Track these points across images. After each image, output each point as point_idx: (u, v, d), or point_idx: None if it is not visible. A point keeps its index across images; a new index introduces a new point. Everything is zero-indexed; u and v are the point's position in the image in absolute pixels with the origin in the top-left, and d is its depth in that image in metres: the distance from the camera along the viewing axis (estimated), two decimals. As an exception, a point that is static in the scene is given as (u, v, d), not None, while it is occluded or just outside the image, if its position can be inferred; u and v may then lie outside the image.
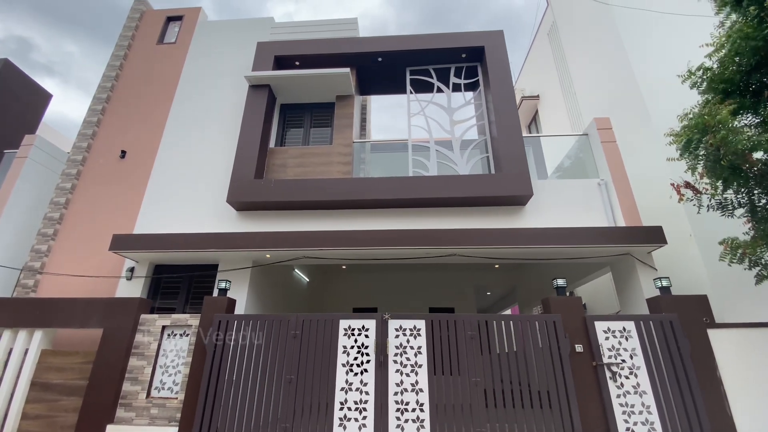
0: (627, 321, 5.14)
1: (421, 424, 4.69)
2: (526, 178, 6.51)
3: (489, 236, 6.06)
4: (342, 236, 6.16)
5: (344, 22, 9.07)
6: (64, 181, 7.58)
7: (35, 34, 62.03)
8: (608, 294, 9.05)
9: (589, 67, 10.00)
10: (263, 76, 7.71)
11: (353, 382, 4.94)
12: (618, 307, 8.36)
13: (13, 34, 59.11)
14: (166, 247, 6.32)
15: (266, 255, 6.53)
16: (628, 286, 6.32)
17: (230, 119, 8.01)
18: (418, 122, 7.92)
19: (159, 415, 5.16)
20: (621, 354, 5.00)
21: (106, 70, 8.76)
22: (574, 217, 6.63)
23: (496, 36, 7.94)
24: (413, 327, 5.17)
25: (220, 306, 5.54)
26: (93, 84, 71.75)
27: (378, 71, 8.60)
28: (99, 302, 5.73)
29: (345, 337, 5.19)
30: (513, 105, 7.17)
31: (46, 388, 5.49)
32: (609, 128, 7.10)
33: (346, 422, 4.75)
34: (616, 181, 6.68)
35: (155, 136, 7.97)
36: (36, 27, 62.22)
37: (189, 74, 8.67)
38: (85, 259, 7.01)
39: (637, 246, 5.94)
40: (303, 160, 7.57)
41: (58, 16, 65.78)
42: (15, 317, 5.75)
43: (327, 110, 8.36)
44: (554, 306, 5.26)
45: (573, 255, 6.34)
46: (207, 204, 7.23)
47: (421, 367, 4.96)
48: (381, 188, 6.76)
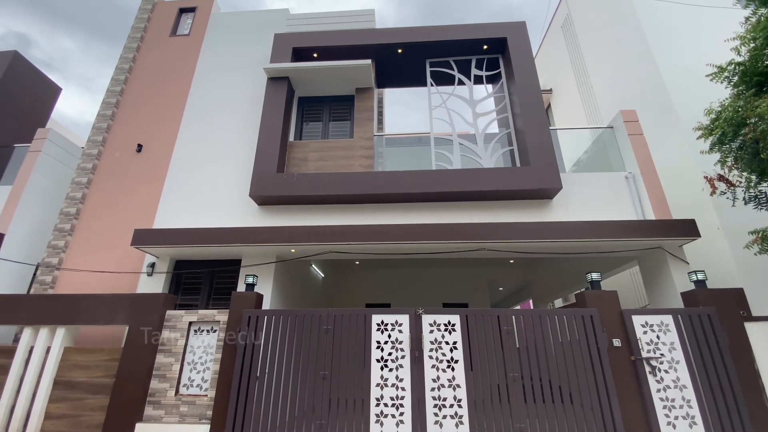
0: (665, 315, 5.07)
1: (459, 420, 4.61)
2: (554, 171, 6.42)
3: (518, 230, 5.97)
4: (371, 230, 6.05)
5: (361, 13, 8.92)
6: (79, 175, 7.42)
7: (32, 30, 61.29)
8: (628, 288, 9.01)
9: (607, 60, 9.89)
10: (283, 68, 7.57)
11: (389, 378, 4.85)
12: (644, 301, 8.32)
13: (12, 30, 58.36)
14: (189, 242, 6.20)
15: (291, 250, 6.41)
16: (659, 279, 6.25)
17: (248, 112, 7.87)
18: (438, 115, 7.81)
19: (189, 413, 5.06)
20: (660, 348, 4.93)
21: (120, 63, 8.58)
22: (602, 211, 6.56)
23: (519, 27, 7.82)
24: (448, 322, 5.08)
25: (248, 301, 5.43)
26: (92, 80, 71.16)
27: (396, 63, 8.46)
28: (124, 298, 5.60)
29: (378, 332, 5.09)
30: (539, 97, 7.07)
31: (70, 387, 5.36)
32: (635, 120, 7.02)
33: (383, 418, 4.66)
34: (644, 174, 6.60)
35: (172, 130, 7.82)
36: (31, 22, 61.48)
37: (204, 66, 8.51)
38: (103, 254, 6.88)
39: (670, 239, 5.87)
40: (324, 153, 7.44)
41: (52, 11, 65.06)
42: (36, 314, 5.62)
43: (346, 103, 8.24)
44: (590, 300, 5.18)
45: (603, 249, 6.26)
46: (227, 198, 7.11)
47: (458, 362, 4.88)
48: (406, 182, 6.65)
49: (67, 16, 66.28)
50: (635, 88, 8.76)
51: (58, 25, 65.50)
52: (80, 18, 68.27)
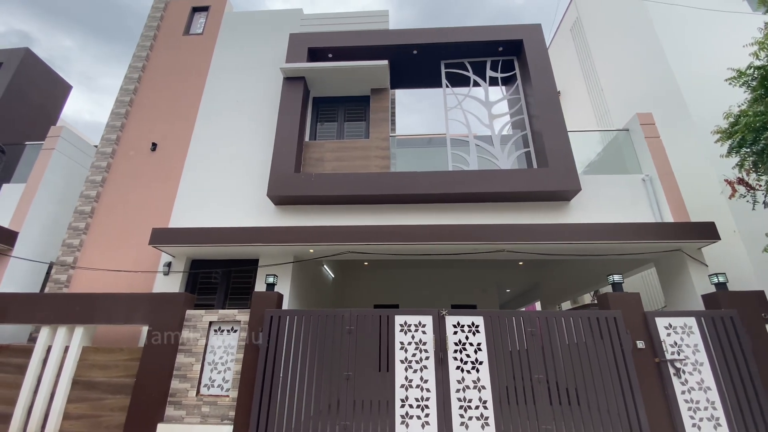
0: (688, 317, 5.08)
1: (485, 421, 4.60)
2: (573, 173, 6.43)
3: (538, 231, 5.97)
4: (390, 231, 6.04)
5: (375, 14, 8.93)
6: (94, 173, 7.37)
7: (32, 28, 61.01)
8: (639, 289, 9.03)
9: (618, 63, 9.94)
10: (299, 68, 7.56)
11: (413, 379, 4.83)
12: (656, 302, 8.34)
13: (13, 27, 58.05)
14: (208, 241, 6.17)
15: (310, 250, 6.39)
16: (677, 282, 6.27)
17: (263, 112, 7.85)
18: (451, 116, 7.81)
19: (211, 414, 5.02)
20: (683, 350, 4.94)
21: (133, 61, 8.54)
22: (619, 213, 6.57)
23: (535, 29, 7.85)
24: (471, 323, 5.07)
25: (269, 301, 5.40)
26: (92, 79, 70.90)
27: (410, 64, 8.46)
28: (143, 298, 5.56)
29: (401, 333, 5.08)
30: (556, 99, 7.09)
31: (90, 387, 5.31)
32: (652, 123, 7.05)
33: (408, 420, 4.64)
34: (661, 176, 6.62)
35: (186, 129, 7.79)
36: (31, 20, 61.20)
37: (218, 66, 8.49)
38: (118, 253, 6.83)
39: (689, 242, 5.89)
40: (340, 154, 7.43)
41: (50, 9, 64.77)
42: (55, 313, 5.57)
43: (360, 104, 8.23)
44: (613, 302, 5.18)
45: (622, 251, 6.27)
46: (243, 198, 7.08)
47: (482, 363, 4.87)
48: (424, 183, 6.65)
49: (65, 14, 66.06)
50: (648, 91, 8.80)
51: (56, 24, 65.27)
52: (78, 17, 68.05)
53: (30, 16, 60.98)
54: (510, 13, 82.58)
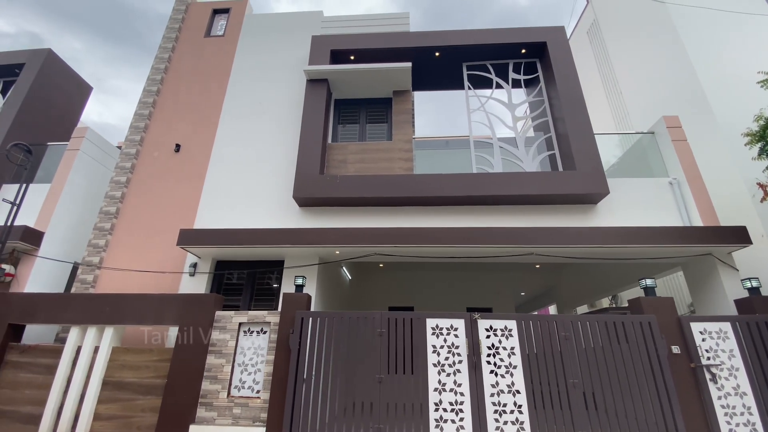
0: (723, 322, 5.03)
1: (520, 426, 4.57)
2: (601, 176, 6.40)
3: (569, 235, 5.94)
4: (418, 233, 6.02)
5: (396, 16, 8.95)
6: (118, 174, 7.40)
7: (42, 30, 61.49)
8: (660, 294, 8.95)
9: (639, 66, 9.90)
10: (323, 70, 7.57)
11: (446, 383, 4.80)
12: (685, 308, 8.28)
13: (24, 29, 58.52)
14: (235, 242, 6.17)
15: (336, 251, 6.39)
16: (706, 286, 6.21)
17: (285, 113, 7.87)
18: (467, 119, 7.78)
19: (242, 415, 5.01)
20: (719, 355, 4.89)
21: (155, 63, 8.59)
22: (646, 217, 6.53)
23: (558, 32, 7.83)
24: (504, 327, 5.04)
25: (299, 303, 5.40)
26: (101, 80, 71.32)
27: (431, 66, 8.46)
28: (174, 299, 5.57)
29: (433, 336, 5.06)
30: (582, 102, 7.06)
31: (120, 387, 5.32)
32: (678, 126, 7.00)
33: (442, 423, 4.62)
34: (690, 180, 6.57)
35: (210, 130, 7.81)
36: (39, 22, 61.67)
37: (240, 67, 8.51)
38: (144, 254, 6.85)
39: (720, 246, 5.84)
40: (364, 156, 7.43)
41: (58, 10, 65.20)
42: (84, 314, 5.58)
43: (382, 106, 8.23)
44: (646, 306, 5.14)
45: (651, 255, 6.23)
46: (267, 199, 7.09)
47: (516, 368, 4.83)
48: (450, 185, 6.63)
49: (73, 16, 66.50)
50: (670, 93, 8.76)
51: (65, 26, 65.71)
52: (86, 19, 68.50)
53: (39, 18, 61.49)
54: (515, 14, 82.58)
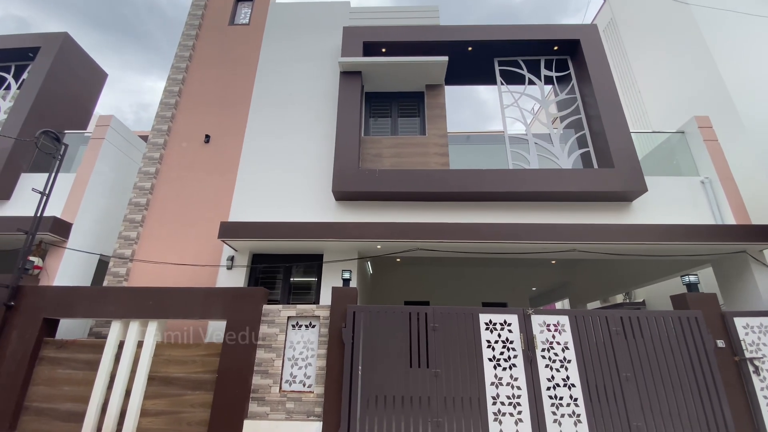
0: (765, 317, 5.21)
1: (577, 418, 4.66)
2: (639, 174, 6.50)
3: (608, 231, 6.02)
4: (464, 229, 6.03)
5: (425, 9, 8.86)
6: (146, 165, 7.20)
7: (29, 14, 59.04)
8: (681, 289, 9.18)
9: (659, 66, 10.04)
10: (357, 63, 7.47)
11: (503, 377, 4.86)
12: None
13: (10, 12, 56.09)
14: (276, 235, 6.09)
15: (377, 246, 6.36)
16: (739, 283, 6.40)
17: (317, 105, 7.76)
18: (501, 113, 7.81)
19: (295, 410, 4.98)
20: (761, 348, 5.06)
21: (179, 50, 8.34)
22: (679, 215, 6.67)
23: (591, 30, 7.87)
24: (557, 322, 5.11)
25: (349, 296, 5.37)
26: (85, 66, 68.84)
27: (462, 61, 8.41)
28: (220, 292, 5.47)
29: (487, 331, 5.10)
30: (617, 100, 7.14)
31: (167, 383, 5.22)
32: (709, 126, 7.15)
33: (501, 417, 4.68)
34: (722, 179, 6.73)
35: (240, 120, 7.65)
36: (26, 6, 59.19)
37: (268, 57, 8.34)
38: (177, 246, 6.70)
39: (754, 244, 6.01)
40: (398, 150, 7.39)
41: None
42: (127, 307, 5.45)
43: (413, 100, 8.18)
44: (691, 302, 5.28)
45: (685, 252, 6.37)
46: (303, 192, 7.00)
47: (570, 362, 4.92)
48: (488, 180, 6.65)
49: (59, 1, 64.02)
50: (692, 93, 8.92)
51: (52, 11, 63.28)
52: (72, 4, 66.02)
53: (26, 2, 59.01)
54: (508, 11, 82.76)
